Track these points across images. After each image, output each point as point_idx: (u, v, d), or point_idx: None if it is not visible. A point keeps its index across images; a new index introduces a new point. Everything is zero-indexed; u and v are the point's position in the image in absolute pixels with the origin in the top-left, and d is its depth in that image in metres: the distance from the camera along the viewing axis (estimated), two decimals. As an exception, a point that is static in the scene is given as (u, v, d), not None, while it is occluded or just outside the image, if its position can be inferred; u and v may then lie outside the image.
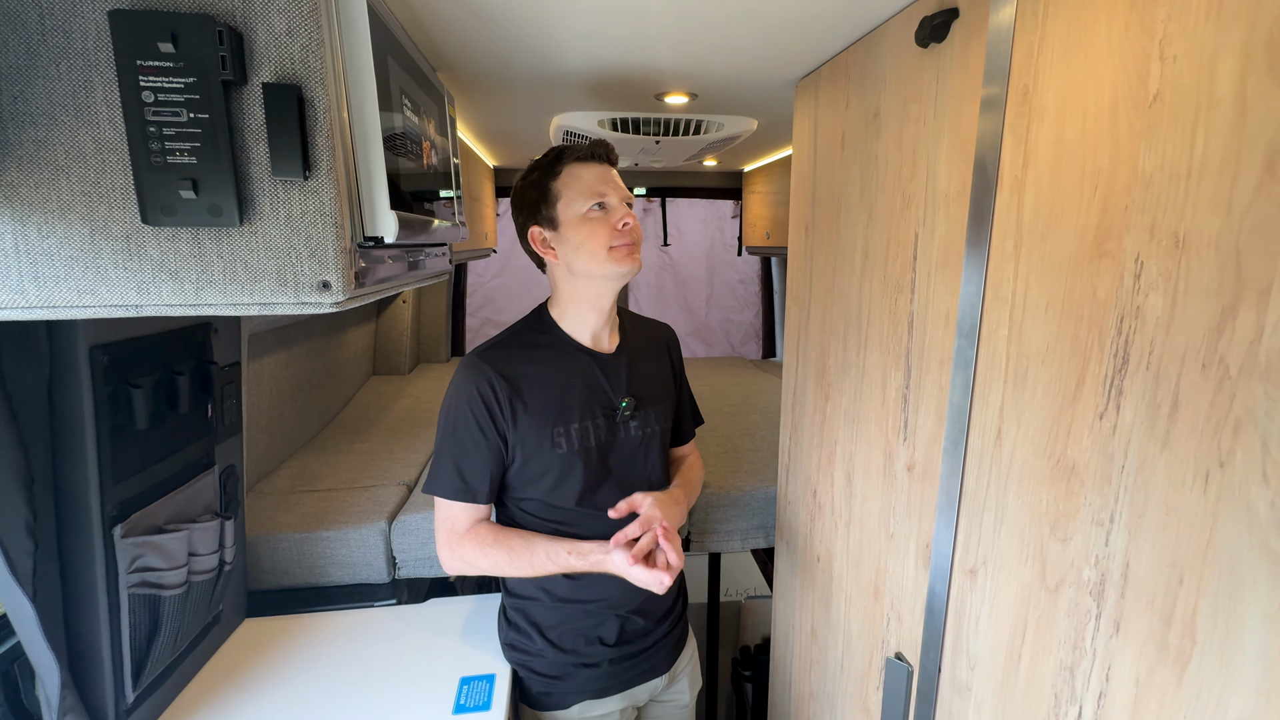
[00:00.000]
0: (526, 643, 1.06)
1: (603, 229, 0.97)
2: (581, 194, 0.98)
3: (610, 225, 0.98)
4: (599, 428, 1.02)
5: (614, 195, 0.99)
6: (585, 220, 0.98)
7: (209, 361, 1.01)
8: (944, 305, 0.76)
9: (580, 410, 1.01)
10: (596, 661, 1.05)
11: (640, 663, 1.09)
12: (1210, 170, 0.44)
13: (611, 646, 1.05)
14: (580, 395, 1.01)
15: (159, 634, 0.92)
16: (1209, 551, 0.45)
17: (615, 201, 0.99)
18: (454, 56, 1.03)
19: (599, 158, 1.01)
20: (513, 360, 1.00)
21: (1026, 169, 0.62)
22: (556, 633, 1.05)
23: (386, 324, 2.71)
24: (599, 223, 0.98)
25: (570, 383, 1.01)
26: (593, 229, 0.98)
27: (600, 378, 1.03)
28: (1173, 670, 0.48)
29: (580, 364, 1.03)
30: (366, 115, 0.63)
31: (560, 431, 0.99)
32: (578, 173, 0.99)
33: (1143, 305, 0.50)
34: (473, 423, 0.97)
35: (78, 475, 0.80)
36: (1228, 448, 0.44)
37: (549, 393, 1.00)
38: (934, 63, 0.75)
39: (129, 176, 0.57)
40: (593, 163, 1.00)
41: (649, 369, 1.11)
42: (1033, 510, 0.63)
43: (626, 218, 0.99)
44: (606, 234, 0.97)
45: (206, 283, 0.60)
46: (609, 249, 0.98)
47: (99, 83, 0.55)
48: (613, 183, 1.00)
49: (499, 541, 0.98)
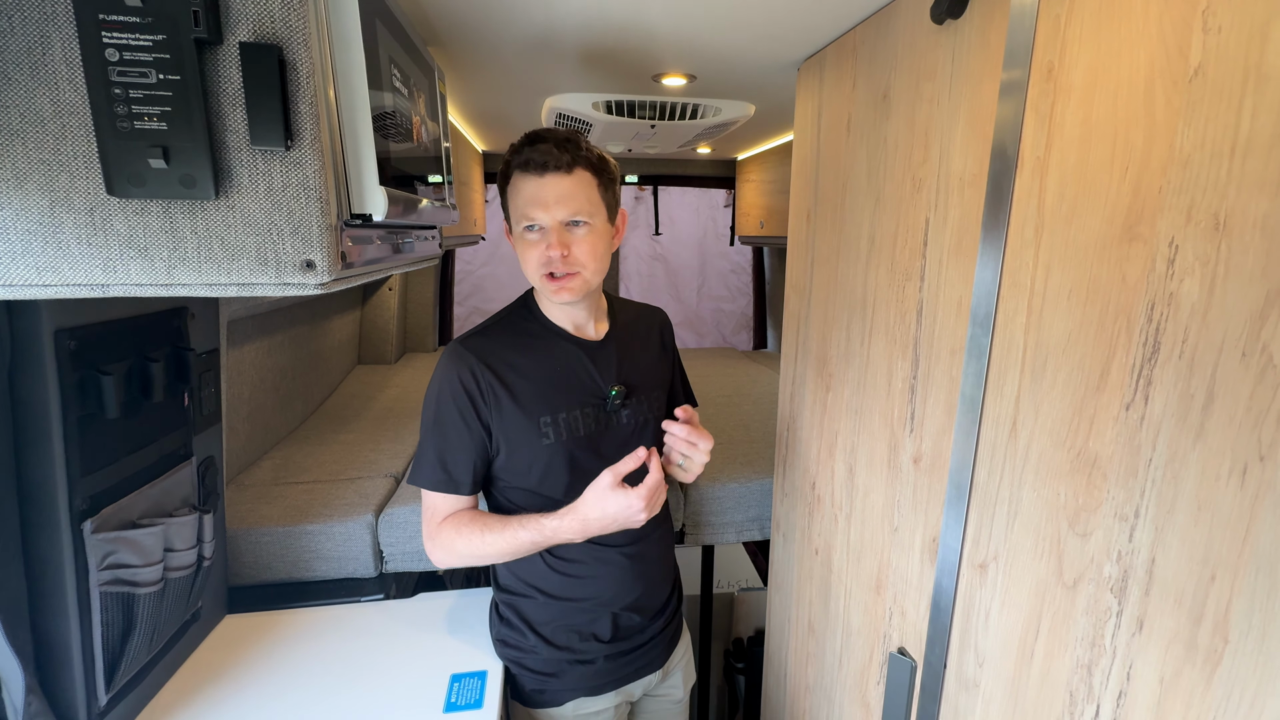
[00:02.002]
0: (519, 639, 1.03)
1: (533, 254, 0.90)
2: (515, 211, 0.91)
3: (541, 250, 0.89)
4: (587, 417, 0.98)
5: (545, 217, 0.88)
6: (521, 240, 0.92)
7: (185, 348, 0.96)
8: (956, 293, 0.73)
9: (568, 399, 0.97)
10: (591, 658, 1.03)
11: (635, 659, 1.06)
12: (1258, 148, 0.42)
13: (606, 643, 1.03)
14: (568, 384, 0.97)
15: (134, 633, 0.88)
16: (1245, 548, 0.43)
17: (548, 223, 0.88)
18: (445, 29, 0.98)
19: (536, 167, 0.87)
20: (497, 348, 0.95)
21: (1050, 150, 0.59)
22: (550, 629, 1.02)
23: (372, 312, 2.64)
24: (531, 247, 0.90)
25: (557, 371, 0.97)
26: (524, 251, 0.92)
27: (588, 366, 0.99)
28: (1202, 671, 0.46)
29: (567, 352, 0.99)
30: (353, 82, 0.59)
31: (547, 421, 0.95)
32: (518, 184, 0.90)
33: (1176, 291, 0.47)
34: (455, 412, 0.93)
35: (43, 468, 0.75)
36: (1269, 440, 0.42)
37: (535, 382, 0.95)
38: (950, 39, 0.73)
39: (92, 143, 0.52)
40: (530, 174, 0.88)
41: (640, 355, 1.07)
42: (1049, 504, 0.61)
43: (552, 249, 0.88)
44: (535, 261, 0.91)
45: (179, 261, 0.55)
46: (540, 278, 0.92)
47: (57, 39, 0.50)
48: (546, 201, 0.88)
49: (474, 520, 0.94)
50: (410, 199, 0.76)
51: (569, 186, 0.88)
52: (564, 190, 0.88)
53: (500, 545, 0.93)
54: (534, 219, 0.89)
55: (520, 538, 0.92)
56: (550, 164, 0.87)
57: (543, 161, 0.87)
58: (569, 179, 0.88)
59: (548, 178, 0.88)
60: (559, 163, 0.87)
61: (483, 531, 0.92)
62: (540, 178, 0.88)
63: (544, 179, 0.88)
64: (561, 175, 0.88)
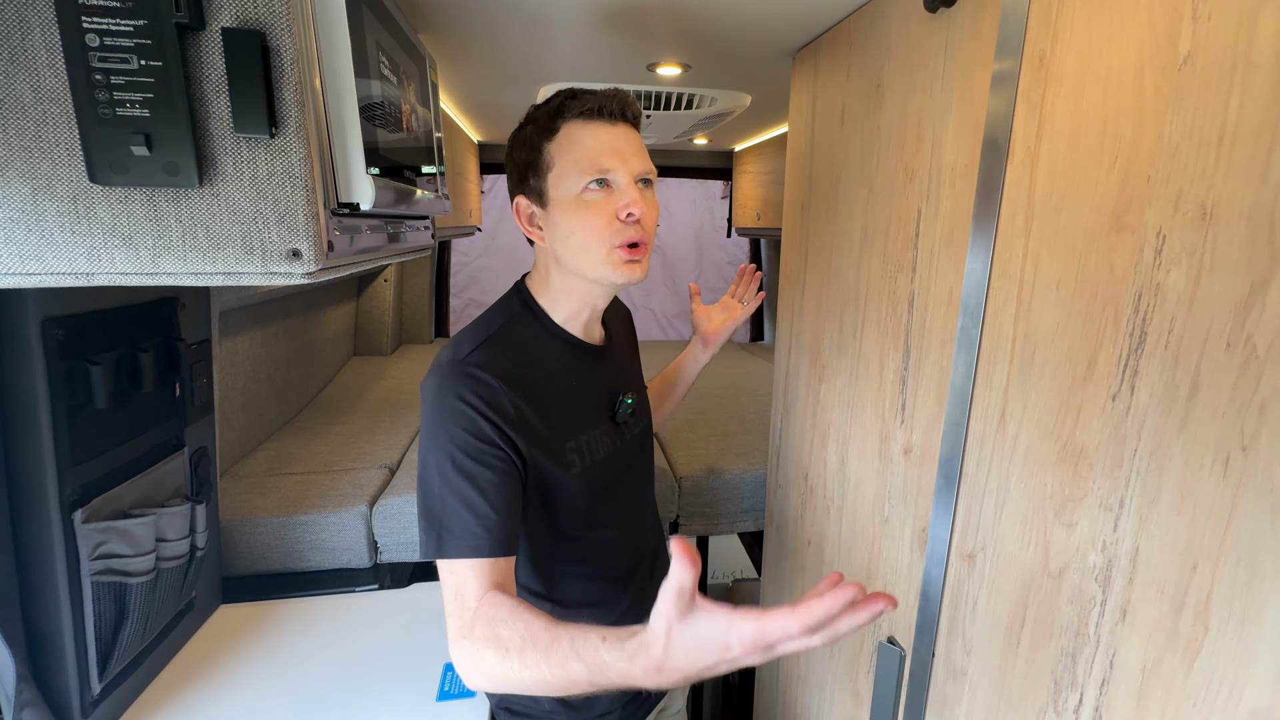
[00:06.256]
0: (531, 705, 0.91)
1: (599, 218, 0.73)
2: (577, 165, 0.73)
3: (610, 213, 0.73)
4: (602, 435, 0.86)
5: (622, 171, 0.73)
6: (579, 204, 0.74)
7: (175, 338, 0.96)
8: (947, 284, 0.73)
9: (588, 419, 0.84)
10: (610, 710, 0.95)
11: (647, 700, 1.00)
12: (1245, 137, 0.42)
13: (621, 694, 0.95)
14: (584, 400, 0.84)
15: (126, 622, 0.88)
16: (1226, 537, 0.44)
17: (624, 180, 0.74)
18: (436, 16, 0.97)
19: (609, 114, 0.74)
20: (508, 363, 0.76)
21: (1041, 140, 0.59)
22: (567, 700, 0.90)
23: (367, 303, 2.63)
24: (596, 209, 0.73)
25: (574, 386, 0.83)
26: (586, 217, 0.74)
27: (601, 375, 0.88)
28: (1182, 659, 0.47)
29: (580, 362, 0.84)
30: (339, 68, 0.58)
31: (572, 448, 0.80)
32: (577, 134, 0.73)
33: (1163, 282, 0.47)
34: (484, 448, 0.71)
35: (32, 457, 0.75)
36: (1252, 431, 0.42)
37: (556, 401, 0.79)
38: (943, 28, 0.72)
39: (74, 130, 0.52)
40: (600, 121, 0.74)
41: (630, 357, 1.01)
42: (1036, 494, 0.61)
43: (632, 205, 0.73)
44: (604, 226, 0.73)
45: (164, 249, 0.55)
46: (608, 249, 0.74)
47: (36, 23, 0.50)
48: (625, 152, 0.74)
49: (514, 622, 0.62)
50: (399, 188, 0.75)
51: (639, 142, 0.77)
52: (637, 144, 0.76)
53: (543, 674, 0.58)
54: (609, 170, 0.73)
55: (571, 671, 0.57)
56: (629, 113, 0.75)
57: (617, 109, 0.74)
58: (637, 135, 0.77)
59: (621, 127, 0.75)
60: (636, 112, 0.75)
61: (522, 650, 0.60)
62: (613, 126, 0.75)
63: (617, 128, 0.75)
64: (633, 129, 0.76)
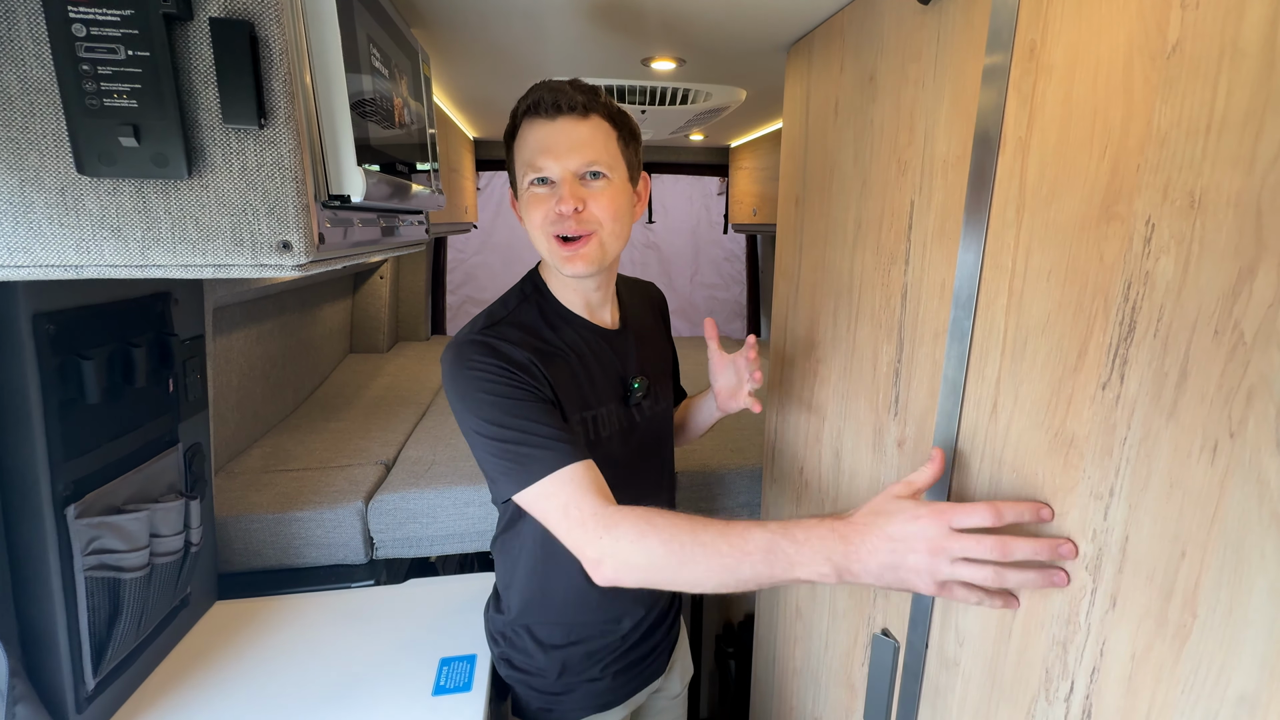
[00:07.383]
0: (526, 661, 0.96)
1: (539, 213, 0.77)
2: (521, 164, 0.78)
3: (548, 207, 0.76)
4: (612, 414, 0.89)
5: (555, 167, 0.75)
6: (528, 198, 0.79)
7: (169, 333, 0.96)
8: (939, 276, 0.73)
9: (597, 394, 0.87)
10: (600, 677, 0.98)
11: (641, 670, 1.04)
12: (1232, 125, 0.42)
13: (615, 661, 0.99)
14: (593, 379, 0.87)
15: (120, 618, 0.88)
16: (1214, 525, 0.44)
17: (559, 174, 0.75)
18: (429, 10, 0.96)
19: (544, 110, 0.75)
20: (521, 334, 0.81)
21: (1031, 130, 0.59)
22: (563, 653, 0.95)
23: (363, 300, 2.63)
24: (538, 204, 0.77)
25: (584, 364, 0.86)
26: (530, 213, 0.79)
27: (612, 357, 0.90)
28: (1171, 645, 0.47)
29: (590, 342, 0.88)
30: (329, 59, 0.58)
31: (579, 420, 0.84)
32: (524, 132, 0.77)
33: (1152, 270, 0.48)
34: (511, 388, 0.74)
35: (24, 453, 0.75)
36: (1239, 417, 0.42)
37: (566, 371, 0.84)
38: (935, 20, 0.72)
39: (62, 121, 0.51)
40: (538, 117, 0.75)
41: (653, 341, 1.01)
42: (1028, 484, 0.61)
43: (561, 203, 0.75)
44: (541, 219, 0.77)
45: (153, 241, 0.55)
46: (548, 242, 0.78)
47: (23, 14, 0.49)
48: (559, 149, 0.75)
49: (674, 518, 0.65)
50: (391, 181, 0.75)
51: (585, 133, 0.76)
52: (580, 136, 0.76)
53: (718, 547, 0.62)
54: (542, 169, 0.75)
55: (751, 539, 0.61)
56: (564, 104, 0.75)
57: (554, 101, 0.74)
58: (585, 124, 0.76)
59: (560, 121, 0.75)
60: (573, 103, 0.75)
61: (693, 529, 0.63)
62: (551, 121, 0.75)
63: (556, 122, 0.75)
64: (576, 120, 0.76)
